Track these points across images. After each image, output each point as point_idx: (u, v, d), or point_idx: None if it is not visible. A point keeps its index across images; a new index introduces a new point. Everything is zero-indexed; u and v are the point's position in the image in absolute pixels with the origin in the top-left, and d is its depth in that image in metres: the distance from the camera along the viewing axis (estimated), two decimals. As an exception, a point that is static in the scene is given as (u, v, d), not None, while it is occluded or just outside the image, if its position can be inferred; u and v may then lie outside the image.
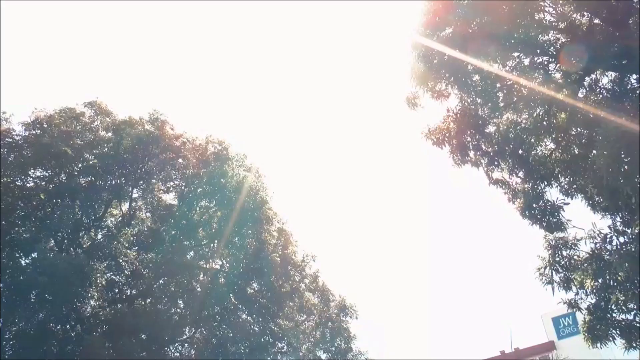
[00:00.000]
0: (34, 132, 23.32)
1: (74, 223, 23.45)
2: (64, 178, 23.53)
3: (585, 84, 14.33)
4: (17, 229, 21.97)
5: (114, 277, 24.47)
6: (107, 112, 25.72)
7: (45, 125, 23.52)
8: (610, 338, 14.61)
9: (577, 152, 14.28)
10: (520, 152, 15.20)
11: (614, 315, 14.65)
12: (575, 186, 14.87)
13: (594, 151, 12.46)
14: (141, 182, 26.13)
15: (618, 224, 14.53)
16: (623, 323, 14.46)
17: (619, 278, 14.09)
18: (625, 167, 10.31)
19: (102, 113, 25.63)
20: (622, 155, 10.27)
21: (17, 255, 21.27)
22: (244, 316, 25.99)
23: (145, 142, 24.69)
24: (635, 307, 14.39)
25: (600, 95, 13.89)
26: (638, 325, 14.35)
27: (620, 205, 13.79)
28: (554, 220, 14.91)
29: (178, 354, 25.65)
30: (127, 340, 20.51)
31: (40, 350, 20.26)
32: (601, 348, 15.56)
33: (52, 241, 23.45)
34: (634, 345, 14.39)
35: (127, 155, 24.52)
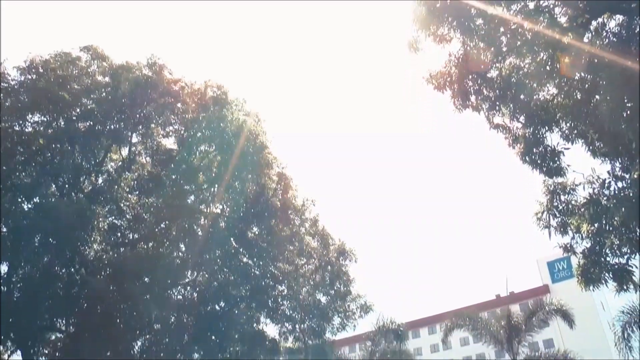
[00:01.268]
0: (29, 76, 22.97)
1: (74, 168, 23.49)
2: (62, 123, 23.32)
3: (592, 28, 14.01)
4: (17, 174, 22.01)
5: (116, 222, 24.78)
6: (103, 57, 25.20)
7: (41, 70, 23.15)
8: (603, 281, 14.97)
9: (579, 97, 14.14)
10: (521, 97, 15.06)
11: (608, 259, 14.95)
12: (576, 131, 14.81)
13: (597, 96, 12.36)
14: (140, 127, 25.91)
15: (617, 169, 14.59)
16: (616, 266, 14.78)
17: (615, 223, 14.30)
18: (628, 112, 10.26)
19: (99, 57, 25.11)
20: (625, 100, 10.20)
21: (20, 200, 21.42)
22: (244, 260, 26.36)
23: (144, 87, 24.33)
24: (628, 251, 14.66)
25: (607, 40, 13.60)
26: (630, 268, 14.66)
27: (621, 151, 13.82)
28: (554, 165, 14.98)
29: (181, 297, 26.24)
30: (130, 283, 20.92)
31: (47, 292, 20.76)
32: (593, 291, 15.97)
33: (53, 186, 23.56)
34: (625, 287, 14.75)
35: (126, 100, 24.23)
